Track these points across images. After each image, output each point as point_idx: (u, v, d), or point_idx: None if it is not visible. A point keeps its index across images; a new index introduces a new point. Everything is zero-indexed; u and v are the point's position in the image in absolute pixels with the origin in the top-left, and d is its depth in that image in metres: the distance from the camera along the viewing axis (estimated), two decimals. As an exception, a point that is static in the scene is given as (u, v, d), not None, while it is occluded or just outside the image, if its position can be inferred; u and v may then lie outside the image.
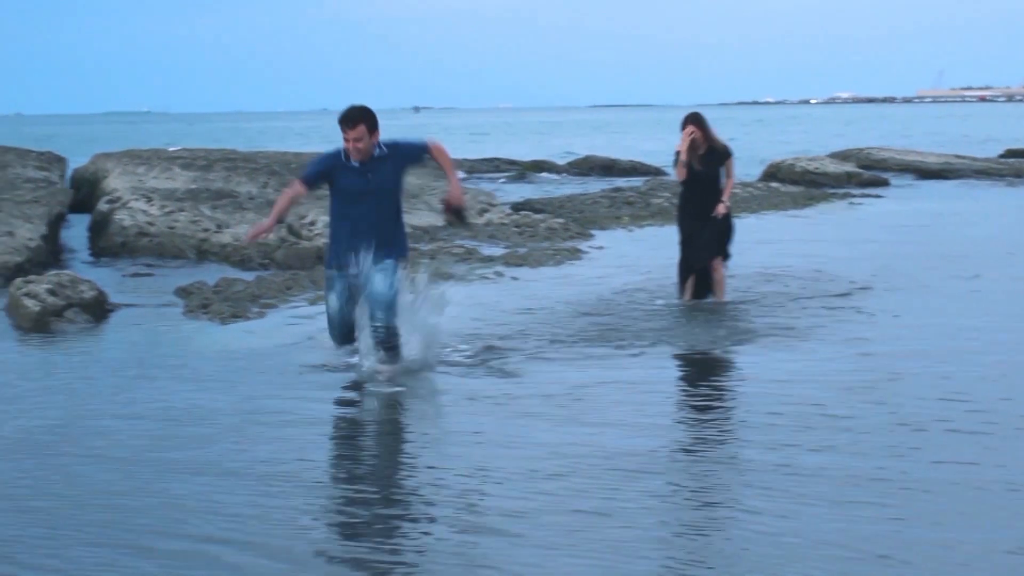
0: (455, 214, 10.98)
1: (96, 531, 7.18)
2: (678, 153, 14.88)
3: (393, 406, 10.17)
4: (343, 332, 10.92)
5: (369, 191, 10.63)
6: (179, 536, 7.04)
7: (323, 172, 10.80)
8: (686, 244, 15.02)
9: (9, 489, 8.07)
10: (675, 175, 15.16)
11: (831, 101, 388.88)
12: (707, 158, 14.86)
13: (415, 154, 10.95)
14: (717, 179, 14.92)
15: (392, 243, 10.74)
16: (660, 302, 14.93)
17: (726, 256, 15.02)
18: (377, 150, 10.76)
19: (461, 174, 41.23)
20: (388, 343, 10.62)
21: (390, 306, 10.53)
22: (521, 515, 7.23)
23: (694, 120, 14.86)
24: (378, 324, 10.51)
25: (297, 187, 10.88)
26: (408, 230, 11.60)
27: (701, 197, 14.90)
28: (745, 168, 41.96)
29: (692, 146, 14.74)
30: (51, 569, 6.59)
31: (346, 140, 10.66)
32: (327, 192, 10.91)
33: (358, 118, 10.65)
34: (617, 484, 7.82)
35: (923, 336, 12.69)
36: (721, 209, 14.83)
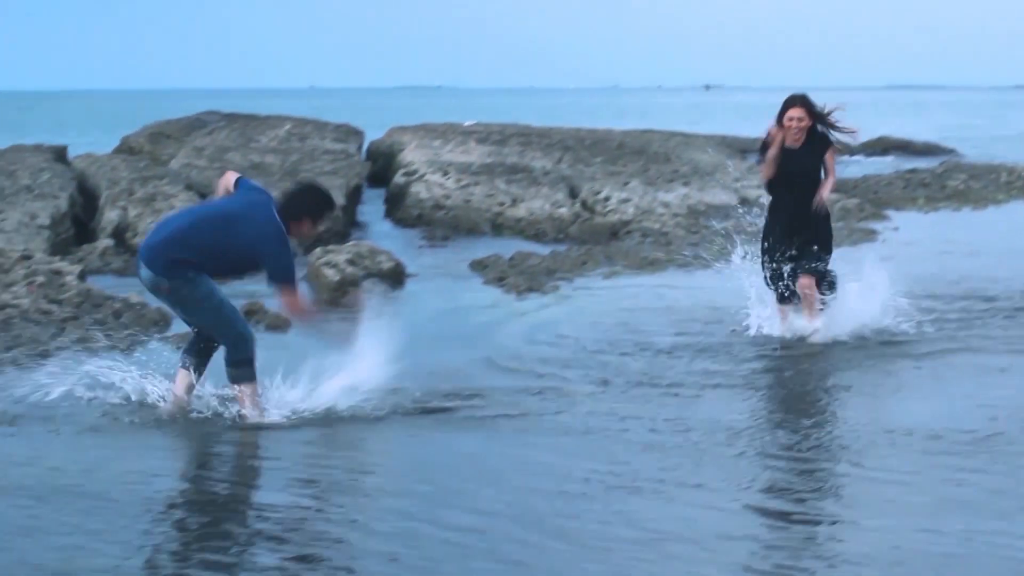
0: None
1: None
2: (765, 143, 11.86)
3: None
4: None
5: None
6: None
7: None
8: (770, 258, 11.95)
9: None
10: (761, 173, 12.05)
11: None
12: (805, 151, 11.77)
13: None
14: (818, 177, 11.90)
15: None
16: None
17: (822, 278, 11.81)
18: None
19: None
20: None
21: None
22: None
23: (802, 103, 11.72)
24: None
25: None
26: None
27: (797, 201, 11.81)
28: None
29: (783, 142, 11.64)
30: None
31: (322, 226, 9.43)
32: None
33: None
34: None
35: None
36: (823, 197, 11.82)
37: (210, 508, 7.26)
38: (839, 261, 12.12)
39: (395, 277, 15.15)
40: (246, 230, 8.75)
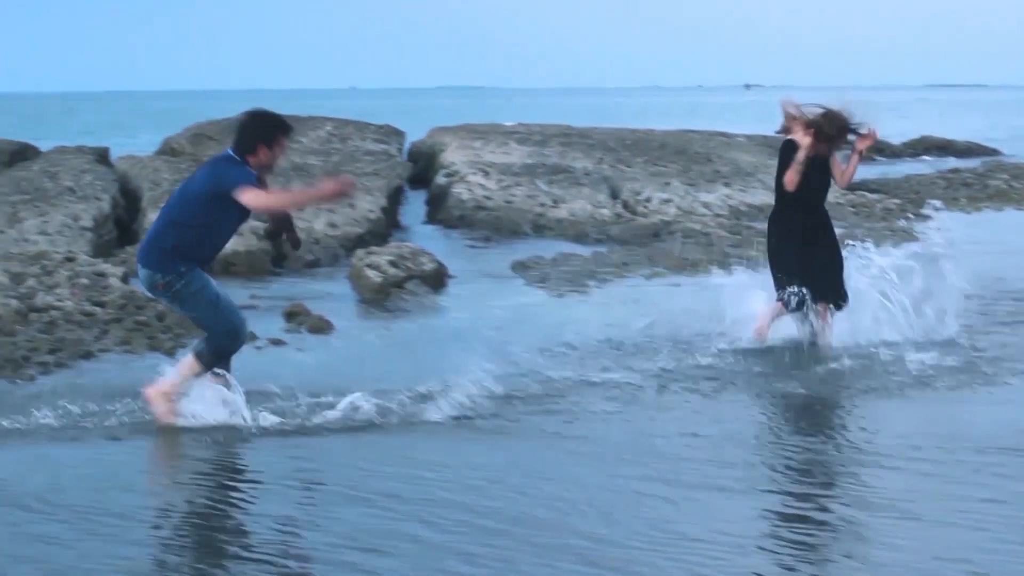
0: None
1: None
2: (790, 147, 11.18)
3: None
4: None
5: None
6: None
7: None
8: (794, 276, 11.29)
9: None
10: (788, 181, 11.14)
11: None
12: (822, 162, 11.27)
13: None
14: (825, 194, 11.52)
15: None
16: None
17: (839, 302, 11.38)
18: None
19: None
20: None
21: None
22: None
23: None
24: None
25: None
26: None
27: (808, 214, 11.36)
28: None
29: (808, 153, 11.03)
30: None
31: (281, 150, 9.04)
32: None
33: None
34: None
35: None
36: (871, 138, 11.05)
37: (272, 507, 7.26)
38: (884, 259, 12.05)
39: (437, 278, 15.13)
40: (196, 182, 8.86)
